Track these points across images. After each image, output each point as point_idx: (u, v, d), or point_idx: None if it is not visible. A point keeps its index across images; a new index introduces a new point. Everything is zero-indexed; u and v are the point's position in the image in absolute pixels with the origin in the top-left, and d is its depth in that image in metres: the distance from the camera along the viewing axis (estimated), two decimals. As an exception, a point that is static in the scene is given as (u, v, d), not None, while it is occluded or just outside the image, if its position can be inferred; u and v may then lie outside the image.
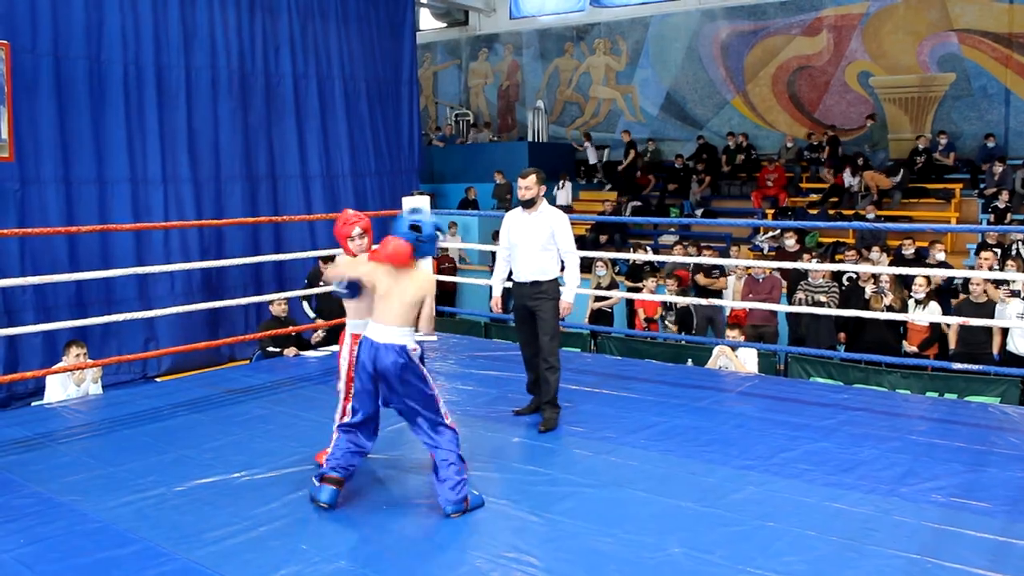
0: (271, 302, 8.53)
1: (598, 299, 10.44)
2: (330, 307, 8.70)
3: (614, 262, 11.70)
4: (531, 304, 5.55)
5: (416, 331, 4.22)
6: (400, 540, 3.90)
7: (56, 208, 10.33)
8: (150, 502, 4.32)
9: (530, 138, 18.64)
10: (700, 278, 10.64)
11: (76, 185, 10.53)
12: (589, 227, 15.17)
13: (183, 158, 11.59)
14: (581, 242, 14.62)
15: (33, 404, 7.16)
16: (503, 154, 17.53)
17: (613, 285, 10.58)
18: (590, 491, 4.44)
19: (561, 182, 16.32)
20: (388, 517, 4.14)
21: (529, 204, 5.55)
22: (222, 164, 12.06)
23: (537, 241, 5.55)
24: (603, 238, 14.62)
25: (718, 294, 10.56)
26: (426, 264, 4.38)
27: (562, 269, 5.75)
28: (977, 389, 7.19)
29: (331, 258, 11.93)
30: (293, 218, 8.84)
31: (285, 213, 12.66)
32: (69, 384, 6.78)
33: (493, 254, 13.80)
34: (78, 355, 6.86)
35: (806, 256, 10.41)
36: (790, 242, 10.90)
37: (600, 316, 10.50)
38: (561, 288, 5.62)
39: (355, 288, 4.41)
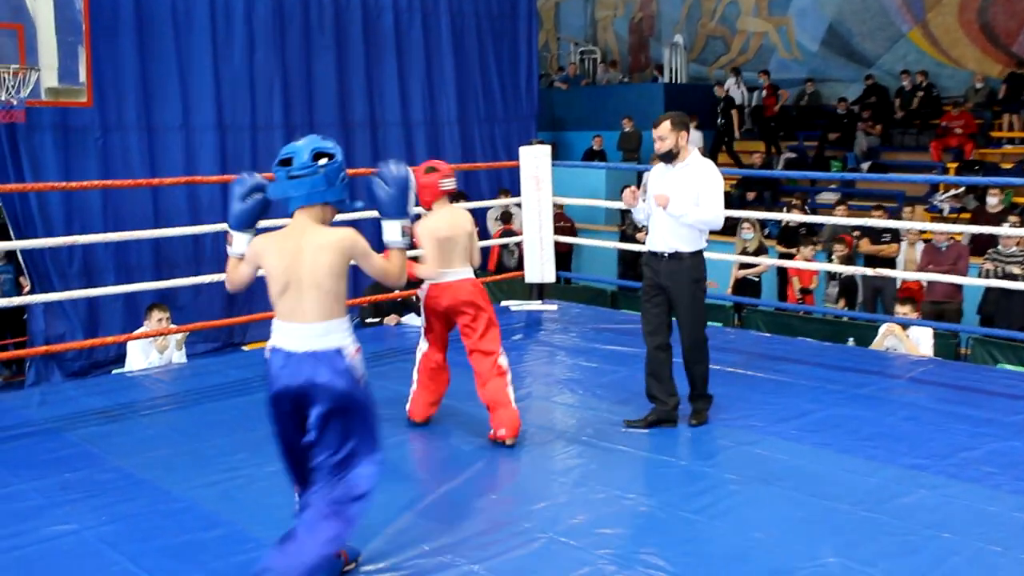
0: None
1: (743, 266, 10.29)
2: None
3: (763, 224, 11.49)
4: (667, 283, 5.14)
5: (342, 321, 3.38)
6: (512, 534, 3.95)
7: (139, 158, 10.78)
8: (238, 482, 4.50)
9: (666, 79, 18.40)
10: (865, 244, 10.34)
11: (160, 132, 10.95)
12: (735, 182, 14.91)
13: (276, 103, 11.91)
14: (725, 200, 14.38)
15: (114, 372, 7.54)
16: (634, 97, 17.36)
17: (762, 250, 10.41)
18: (731, 487, 4.41)
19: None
20: (501, 504, 4.20)
21: (668, 157, 5.10)
22: (315, 109, 12.34)
23: (683, 201, 5.06)
24: (751, 195, 14.36)
25: (889, 263, 10.24)
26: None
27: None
28: None
29: (509, 217, 12.14)
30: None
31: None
32: (151, 351, 7.08)
33: (621, 213, 13.78)
34: (160, 320, 7.15)
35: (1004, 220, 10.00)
36: (992, 200, 10.40)
37: (746, 286, 10.35)
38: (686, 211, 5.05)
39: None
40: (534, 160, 8.31)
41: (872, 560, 3.72)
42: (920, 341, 7.63)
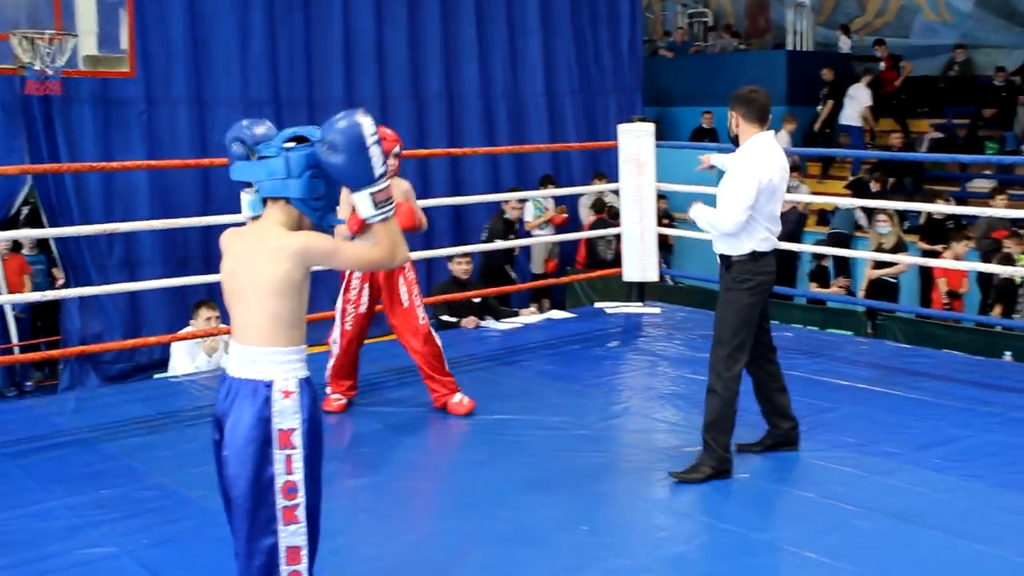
0: (449, 258, 8.74)
1: (878, 265, 10.13)
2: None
3: (903, 216, 11.28)
4: (721, 287, 5.06)
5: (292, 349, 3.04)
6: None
7: (188, 135, 10.99)
8: (293, 504, 4.55)
9: (789, 45, 18.18)
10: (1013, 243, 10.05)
11: (212, 106, 11.16)
12: (869, 166, 14.65)
13: (336, 74, 12.04)
14: (856, 187, 14.17)
15: (156, 376, 7.70)
16: (753, 67, 17.19)
17: (900, 247, 10.22)
18: (862, 524, 4.34)
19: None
20: (594, 536, 4.19)
21: (734, 141, 5.01)
22: (386, 82, 12.45)
23: (724, 191, 4.95)
24: (888, 182, 14.10)
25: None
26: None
27: None
28: None
29: (602, 206, 12.13)
30: (477, 150, 9.02)
31: (461, 143, 12.92)
32: (199, 353, 7.22)
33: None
34: (209, 319, 7.29)
35: None
36: None
37: (881, 288, 10.19)
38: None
39: None
40: (635, 140, 8.28)
41: (1031, 615, 3.64)
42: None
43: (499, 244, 8.84)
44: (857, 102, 15.77)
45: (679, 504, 4.58)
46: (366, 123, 2.92)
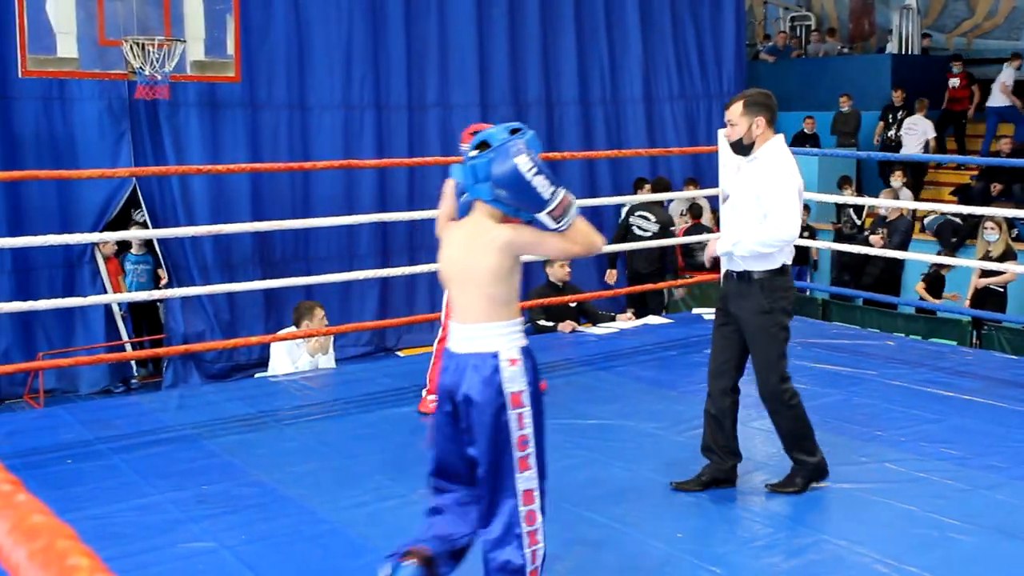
0: (547, 262, 8.74)
1: (985, 274, 9.89)
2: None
3: (1011, 223, 11.00)
4: (735, 310, 4.68)
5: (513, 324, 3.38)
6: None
7: (288, 139, 11.18)
8: (389, 504, 4.61)
9: (894, 49, 17.84)
10: None
11: (315, 111, 11.34)
12: (975, 172, 14.32)
13: (433, 80, 12.13)
14: (965, 193, 13.86)
15: (257, 375, 7.84)
16: (855, 72, 16.92)
17: (1009, 255, 9.97)
18: (966, 539, 4.24)
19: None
20: (685, 544, 4.15)
21: (740, 148, 4.64)
22: (486, 88, 12.53)
23: (743, 207, 4.65)
24: (996, 188, 13.77)
25: None
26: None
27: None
28: None
29: (700, 211, 12.04)
30: (575, 155, 9.04)
31: (560, 148, 12.96)
32: (300, 354, 7.33)
33: (837, 208, 13.44)
34: (322, 318, 7.38)
35: None
36: None
37: (988, 297, 9.96)
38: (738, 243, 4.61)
39: None
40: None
41: None
42: None
43: (625, 246, 8.84)
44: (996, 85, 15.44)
45: (775, 513, 4.52)
46: (521, 161, 3.26)
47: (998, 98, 15.27)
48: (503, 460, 3.30)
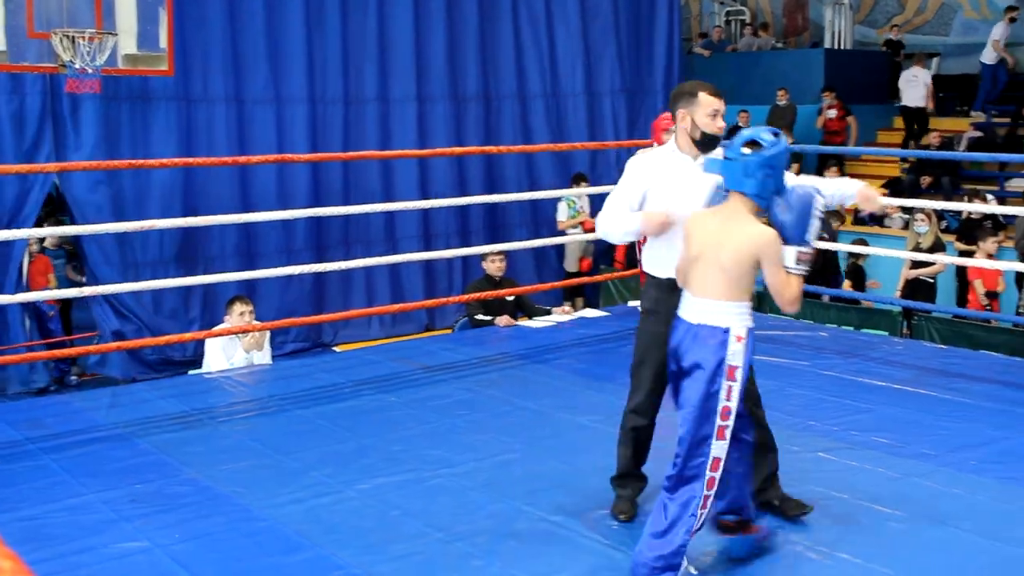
0: (483, 256, 8.75)
1: (915, 265, 10.05)
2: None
3: (940, 215, 11.18)
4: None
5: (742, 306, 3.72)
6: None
7: (225, 134, 11.05)
8: (325, 501, 4.57)
9: (828, 43, 18.06)
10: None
11: (249, 105, 11.23)
12: (907, 165, 14.54)
13: (372, 74, 12.07)
14: (895, 186, 14.08)
15: (190, 373, 7.75)
16: (789, 66, 17.10)
17: (938, 247, 10.14)
18: (896, 526, 4.31)
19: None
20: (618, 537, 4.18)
21: (716, 143, 4.26)
22: (423, 81, 12.50)
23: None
24: (925, 181, 13.99)
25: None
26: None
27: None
28: None
29: None
30: (512, 148, 9.08)
31: (499, 142, 12.93)
32: (235, 350, 7.26)
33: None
34: (243, 314, 7.33)
35: None
36: None
37: (918, 288, 10.11)
38: None
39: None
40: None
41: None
42: None
43: (533, 242, 8.85)
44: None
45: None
46: (819, 200, 3.73)
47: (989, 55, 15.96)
48: (705, 425, 3.64)
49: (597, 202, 12.81)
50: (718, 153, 4.02)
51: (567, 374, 6.65)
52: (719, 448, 3.66)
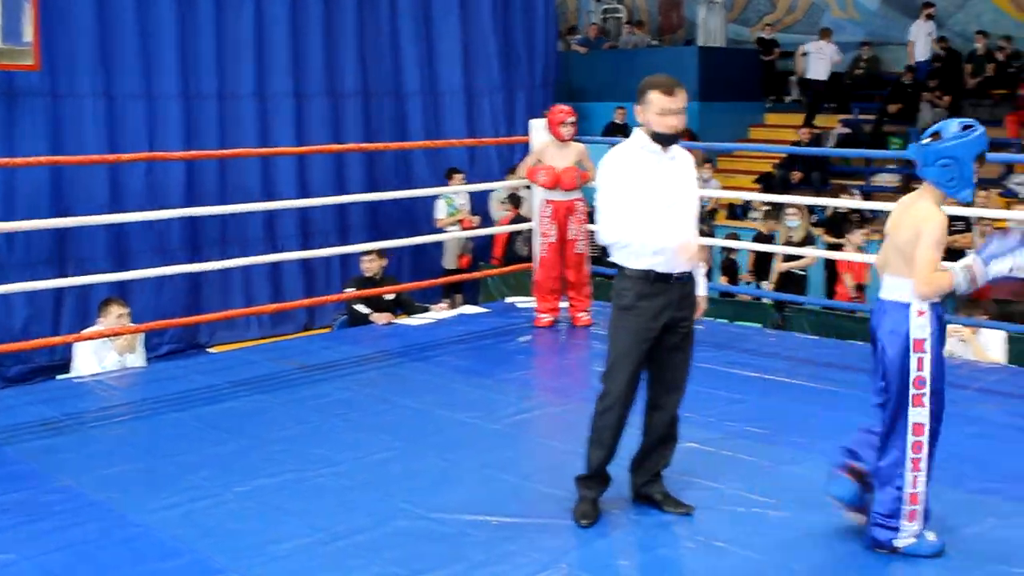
0: (361, 256, 8.71)
1: (787, 258, 10.26)
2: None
3: (811, 209, 11.46)
4: (680, 316, 4.30)
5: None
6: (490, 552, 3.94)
7: (95, 130, 10.77)
8: (202, 504, 4.50)
9: (701, 41, 18.34)
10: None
11: (120, 101, 10.96)
12: (779, 161, 14.87)
13: (248, 69, 11.91)
14: (767, 182, 14.39)
15: (59, 378, 7.55)
16: (665, 63, 17.19)
17: (809, 240, 10.38)
18: (773, 514, 4.40)
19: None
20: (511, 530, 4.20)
21: (673, 141, 4.31)
22: (301, 78, 12.38)
23: (693, 200, 4.41)
24: (796, 176, 14.33)
25: (963, 256, 10.15)
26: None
27: None
28: None
29: (518, 201, 12.10)
30: (389, 145, 9.05)
31: (378, 139, 12.87)
32: (107, 353, 7.10)
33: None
34: (120, 316, 7.17)
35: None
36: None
37: (789, 281, 10.32)
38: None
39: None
40: (545, 135, 8.28)
41: (931, 599, 3.72)
42: (989, 345, 7.61)
43: (410, 240, 8.84)
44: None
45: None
46: (1020, 252, 3.94)
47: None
48: (901, 395, 3.93)
49: (477, 199, 12.89)
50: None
51: (446, 371, 6.64)
52: (918, 415, 3.94)
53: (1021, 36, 16.07)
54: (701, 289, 4.46)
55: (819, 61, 16.53)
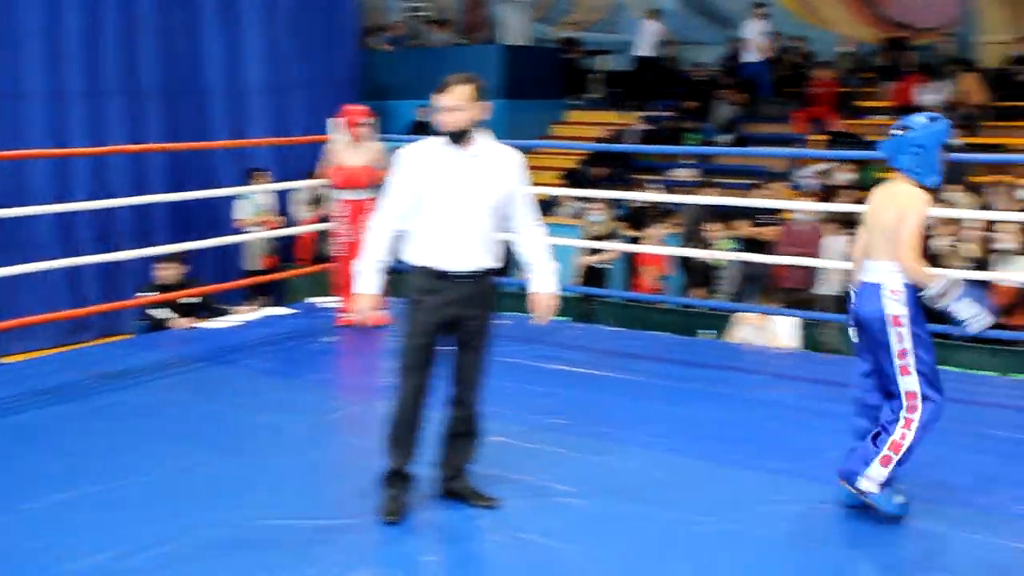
0: (156, 264, 8.49)
1: (591, 252, 10.41)
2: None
3: (616, 204, 11.66)
4: (466, 313, 4.30)
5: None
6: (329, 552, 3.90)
7: None
8: (-8, 521, 4.30)
9: (505, 40, 18.48)
10: (745, 227, 10.56)
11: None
12: (582, 158, 15.10)
13: (38, 66, 11.43)
14: (573, 177, 14.60)
15: None
16: (469, 61, 17.29)
17: (612, 235, 10.55)
18: (577, 503, 4.47)
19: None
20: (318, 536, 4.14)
21: (458, 138, 4.29)
22: (100, 76, 11.96)
23: (490, 199, 4.28)
24: (598, 172, 14.56)
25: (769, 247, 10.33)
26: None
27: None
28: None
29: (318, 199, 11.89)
30: (193, 145, 8.83)
31: (180, 139, 12.51)
32: None
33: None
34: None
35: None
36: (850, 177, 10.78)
37: (593, 275, 10.48)
38: (530, 274, 4.50)
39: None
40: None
41: (729, 578, 3.84)
42: (781, 332, 7.91)
43: (207, 242, 8.65)
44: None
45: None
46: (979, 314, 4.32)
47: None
48: (888, 368, 4.29)
49: (283, 199, 12.68)
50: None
51: (251, 374, 6.52)
52: (907, 383, 4.27)
53: (805, 36, 16.73)
54: (545, 286, 4.45)
55: (646, 39, 16.75)
